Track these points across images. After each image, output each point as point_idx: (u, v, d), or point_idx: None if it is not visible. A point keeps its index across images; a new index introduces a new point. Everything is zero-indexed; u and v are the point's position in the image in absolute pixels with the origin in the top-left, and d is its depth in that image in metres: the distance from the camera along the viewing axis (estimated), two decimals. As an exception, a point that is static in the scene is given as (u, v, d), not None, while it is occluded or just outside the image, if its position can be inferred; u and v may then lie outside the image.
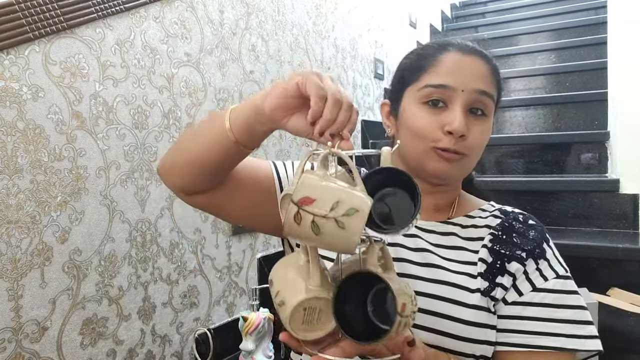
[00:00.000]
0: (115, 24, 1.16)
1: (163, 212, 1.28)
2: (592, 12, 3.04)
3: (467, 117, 0.68)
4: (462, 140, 0.67)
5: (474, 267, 0.69)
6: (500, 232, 0.71)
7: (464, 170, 0.73)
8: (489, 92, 0.69)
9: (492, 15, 3.71)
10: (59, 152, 1.03)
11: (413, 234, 0.73)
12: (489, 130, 0.72)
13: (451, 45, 0.72)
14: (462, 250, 0.71)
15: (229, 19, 1.52)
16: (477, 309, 0.65)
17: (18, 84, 0.96)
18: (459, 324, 0.65)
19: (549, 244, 0.70)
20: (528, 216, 0.74)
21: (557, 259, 0.69)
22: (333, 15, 2.17)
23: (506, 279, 0.67)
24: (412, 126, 0.70)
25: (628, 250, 1.49)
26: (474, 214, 0.76)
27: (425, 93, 0.69)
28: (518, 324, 0.66)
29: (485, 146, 0.74)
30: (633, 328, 1.34)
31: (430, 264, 0.70)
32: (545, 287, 0.66)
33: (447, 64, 0.69)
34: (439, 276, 0.68)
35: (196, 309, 1.39)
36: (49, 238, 1.01)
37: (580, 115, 2.23)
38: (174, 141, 1.31)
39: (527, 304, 0.66)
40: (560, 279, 0.67)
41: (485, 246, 0.70)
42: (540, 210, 1.87)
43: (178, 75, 1.33)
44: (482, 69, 0.70)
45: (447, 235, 0.73)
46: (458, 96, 0.68)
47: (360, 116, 2.43)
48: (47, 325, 1.00)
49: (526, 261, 0.67)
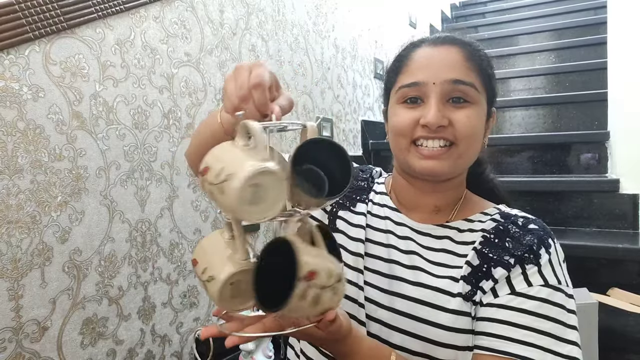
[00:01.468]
0: (115, 24, 1.16)
1: (163, 212, 1.28)
2: (592, 12, 3.04)
3: (446, 107, 0.66)
4: (444, 129, 0.65)
5: (458, 271, 0.65)
6: (492, 235, 0.67)
7: (456, 164, 0.68)
8: (464, 79, 0.66)
9: (492, 15, 3.72)
10: (59, 152, 1.03)
11: (407, 236, 0.72)
12: (477, 115, 0.67)
13: (424, 41, 0.71)
14: (451, 254, 0.68)
15: (229, 19, 1.52)
16: (457, 314, 0.62)
17: (18, 84, 0.96)
18: (439, 329, 0.62)
19: (548, 249, 0.63)
20: (531, 220, 0.68)
21: (553, 268, 0.62)
22: (333, 15, 2.17)
23: (489, 284, 0.63)
24: (393, 125, 0.70)
25: (628, 250, 1.49)
26: (474, 217, 0.71)
27: (401, 94, 0.69)
28: (487, 326, 0.61)
29: (487, 144, 0.72)
30: (633, 328, 1.34)
31: (415, 267, 0.68)
32: (525, 293, 0.61)
33: (418, 60, 0.69)
34: (422, 279, 0.67)
35: (196, 309, 1.39)
36: (49, 238, 1.01)
37: (580, 116, 2.23)
38: (173, 141, 1.31)
39: (501, 307, 0.61)
40: (548, 287, 0.61)
41: (475, 249, 0.66)
42: (540, 211, 1.87)
43: (178, 76, 1.33)
44: (454, 58, 0.67)
45: (441, 239, 0.70)
46: (431, 89, 0.66)
47: (360, 116, 2.43)
48: (47, 325, 1.00)
49: (513, 267, 0.62)
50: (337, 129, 2.20)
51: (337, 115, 2.20)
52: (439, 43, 0.69)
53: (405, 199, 0.76)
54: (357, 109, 2.40)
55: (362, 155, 2.39)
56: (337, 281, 0.49)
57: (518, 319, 0.59)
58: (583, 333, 1.16)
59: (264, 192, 0.46)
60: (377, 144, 2.42)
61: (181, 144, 1.33)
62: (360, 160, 2.35)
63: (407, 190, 0.75)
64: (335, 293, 0.49)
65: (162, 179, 1.28)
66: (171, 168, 1.30)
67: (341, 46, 2.25)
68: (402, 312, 0.66)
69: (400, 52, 0.74)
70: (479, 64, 0.68)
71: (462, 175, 0.74)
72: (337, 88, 2.20)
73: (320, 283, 0.47)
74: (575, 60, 2.58)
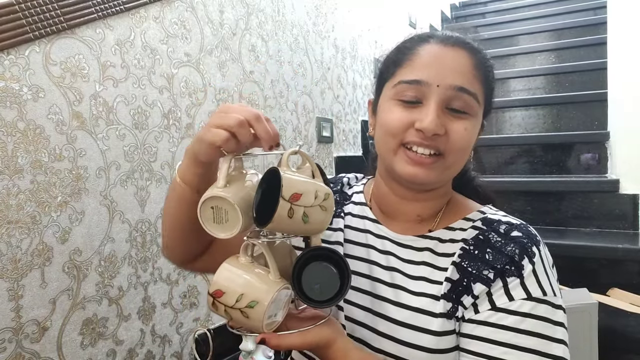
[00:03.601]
0: (115, 24, 1.16)
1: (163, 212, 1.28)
2: (592, 13, 3.04)
3: (444, 115, 0.61)
4: (438, 137, 0.61)
5: (438, 287, 0.62)
6: (472, 246, 0.63)
7: (443, 175, 0.64)
8: (468, 89, 0.61)
9: (492, 15, 3.72)
10: (59, 153, 1.03)
11: (388, 250, 0.69)
12: (473, 130, 0.63)
13: (433, 37, 0.65)
14: (430, 268, 0.64)
15: (229, 19, 1.52)
16: (440, 335, 0.59)
17: (18, 84, 0.96)
18: (422, 352, 0.59)
19: (532, 259, 0.59)
20: (515, 226, 0.63)
21: (538, 278, 0.58)
22: (333, 15, 2.17)
23: (469, 299, 0.60)
24: (383, 122, 0.65)
25: (628, 251, 1.49)
26: (456, 225, 0.67)
27: (399, 90, 0.63)
28: (466, 343, 0.59)
29: (484, 147, 0.69)
30: (633, 328, 1.34)
31: (396, 285, 0.65)
32: (506, 308, 0.57)
33: (424, 57, 0.63)
34: (402, 299, 0.63)
35: (196, 309, 1.39)
36: (49, 238, 1.01)
37: (580, 116, 2.23)
38: (173, 141, 1.31)
39: (480, 323, 0.58)
40: (531, 301, 0.57)
41: (454, 262, 0.62)
42: (540, 211, 1.88)
43: (178, 76, 1.33)
44: (464, 63, 0.62)
45: (422, 251, 0.66)
46: (433, 92, 0.61)
47: (360, 117, 2.43)
48: (47, 326, 1.00)
49: (493, 282, 0.59)
50: (337, 129, 2.20)
51: (337, 116, 2.20)
52: (449, 44, 0.64)
53: (386, 206, 0.72)
54: (357, 109, 2.40)
55: (362, 156, 2.39)
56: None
57: (497, 336, 0.57)
58: (583, 333, 1.16)
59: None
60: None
61: (181, 144, 1.33)
62: (360, 160, 2.35)
63: (389, 197, 0.71)
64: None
65: (162, 179, 1.28)
66: (171, 168, 1.30)
67: (341, 46, 2.25)
68: (384, 334, 0.63)
69: (404, 42, 0.69)
70: (485, 75, 0.65)
71: (447, 184, 0.71)
72: (337, 88, 2.20)
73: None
74: (575, 61, 2.58)
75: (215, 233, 0.54)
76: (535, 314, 0.57)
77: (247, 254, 0.57)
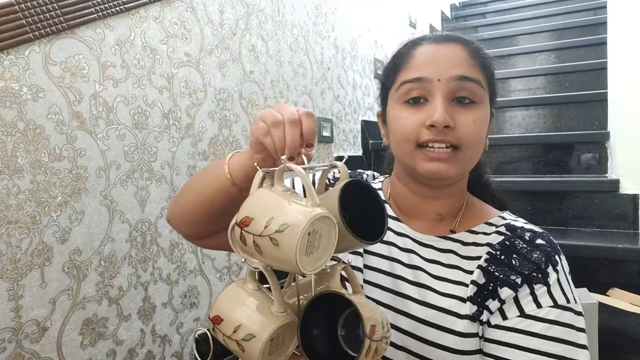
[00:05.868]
0: (115, 24, 1.16)
1: (163, 212, 1.28)
2: (592, 13, 3.04)
3: (452, 107, 0.63)
4: (450, 131, 0.62)
5: (465, 290, 0.63)
6: (499, 251, 0.64)
7: (462, 167, 0.65)
8: (470, 76, 0.63)
9: (492, 15, 3.72)
10: (59, 152, 1.03)
11: (410, 248, 0.70)
12: (483, 118, 0.65)
13: (425, 39, 0.68)
14: (456, 270, 0.65)
15: (229, 19, 1.52)
16: (464, 337, 0.61)
17: (18, 84, 0.96)
18: (445, 351, 0.60)
19: (556, 267, 0.61)
20: (539, 234, 0.65)
21: (562, 286, 0.61)
22: (333, 15, 2.17)
23: (495, 304, 0.61)
24: (396, 128, 0.66)
25: (628, 251, 1.49)
26: (479, 229, 0.69)
27: (403, 91, 0.65)
28: (495, 349, 0.60)
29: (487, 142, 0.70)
30: (633, 328, 1.34)
31: (421, 284, 0.66)
32: (535, 315, 0.59)
33: (420, 57, 0.65)
34: (428, 298, 0.64)
35: (196, 309, 1.39)
36: (49, 238, 1.01)
37: (580, 116, 2.23)
38: (173, 141, 1.31)
39: (509, 329, 0.60)
40: (557, 308, 0.59)
41: (480, 267, 0.64)
42: (540, 211, 1.88)
43: (178, 76, 1.33)
44: (460, 54, 0.64)
45: (445, 253, 0.67)
46: (436, 87, 0.63)
47: (361, 116, 2.43)
48: (47, 326, 1.00)
49: (520, 287, 0.60)
50: (337, 129, 2.20)
51: (337, 116, 2.20)
52: (441, 41, 0.66)
53: (406, 206, 0.73)
54: (357, 109, 2.40)
55: (362, 156, 2.39)
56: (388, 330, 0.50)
57: (526, 342, 0.58)
58: (583, 333, 1.15)
59: (317, 240, 0.44)
60: (377, 144, 2.42)
61: (181, 144, 1.33)
62: (360, 160, 2.35)
63: (408, 197, 0.72)
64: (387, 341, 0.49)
65: (162, 179, 1.28)
66: (171, 168, 1.30)
67: (341, 46, 2.25)
68: (407, 331, 0.64)
69: (399, 50, 0.71)
70: (483, 62, 0.66)
71: (464, 180, 0.72)
72: (337, 88, 2.20)
73: (378, 336, 0.47)
74: (575, 61, 2.58)
75: (305, 268, 0.44)
76: (562, 321, 0.59)
77: (254, 279, 0.52)
